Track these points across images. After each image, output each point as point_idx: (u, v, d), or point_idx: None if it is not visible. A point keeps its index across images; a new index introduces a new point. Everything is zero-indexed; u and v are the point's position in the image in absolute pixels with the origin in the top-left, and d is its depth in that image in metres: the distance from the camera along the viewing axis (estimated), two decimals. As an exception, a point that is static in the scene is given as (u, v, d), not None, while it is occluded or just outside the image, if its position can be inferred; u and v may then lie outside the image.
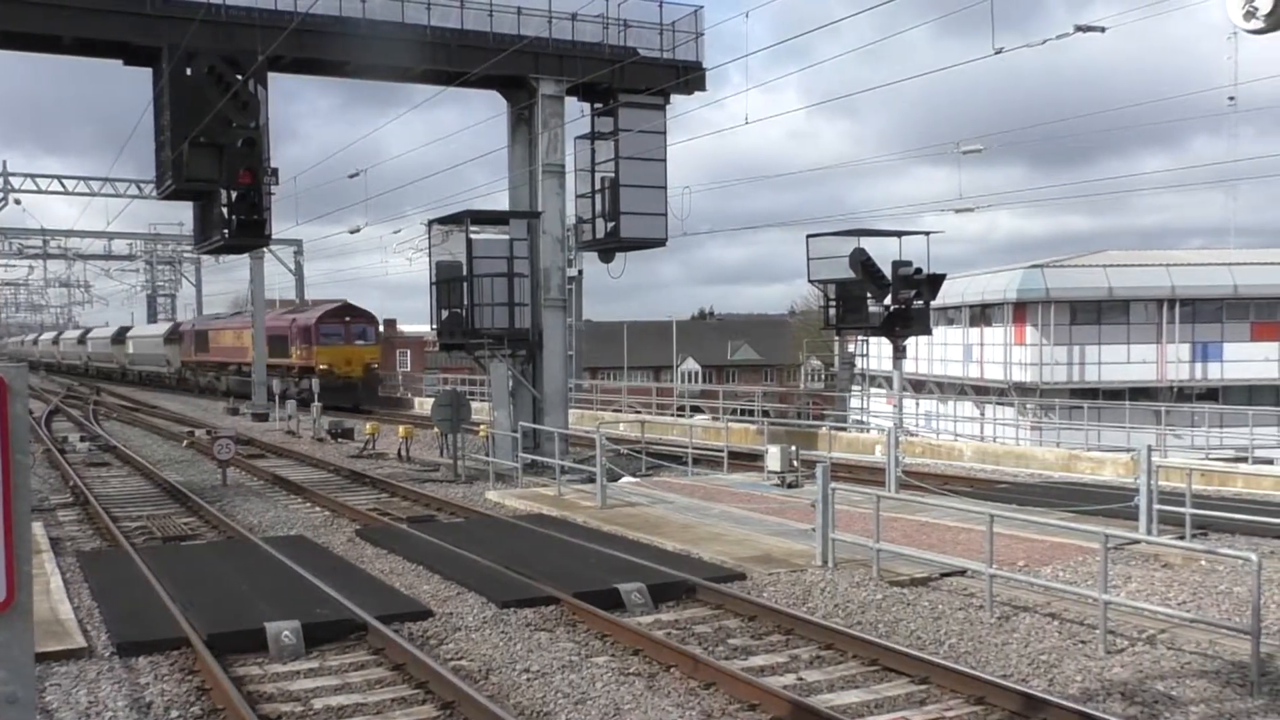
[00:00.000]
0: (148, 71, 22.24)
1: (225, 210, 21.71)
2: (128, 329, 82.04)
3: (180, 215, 70.57)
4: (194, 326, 63.43)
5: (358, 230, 43.13)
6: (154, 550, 15.96)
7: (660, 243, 26.99)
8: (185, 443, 32.74)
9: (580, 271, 43.86)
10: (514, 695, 9.32)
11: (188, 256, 76.48)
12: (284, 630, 10.76)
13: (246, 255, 47.30)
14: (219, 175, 21.07)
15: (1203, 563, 13.64)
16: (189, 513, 20.23)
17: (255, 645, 10.65)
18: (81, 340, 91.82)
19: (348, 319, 48.02)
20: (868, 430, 35.19)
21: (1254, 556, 9.52)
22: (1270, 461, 26.75)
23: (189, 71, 21.05)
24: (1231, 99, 28.00)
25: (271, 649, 10.58)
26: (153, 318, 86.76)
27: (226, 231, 21.79)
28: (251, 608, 11.81)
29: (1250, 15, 9.14)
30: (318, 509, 20.61)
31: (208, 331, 59.47)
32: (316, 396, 42.92)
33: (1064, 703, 8.54)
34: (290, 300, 61.95)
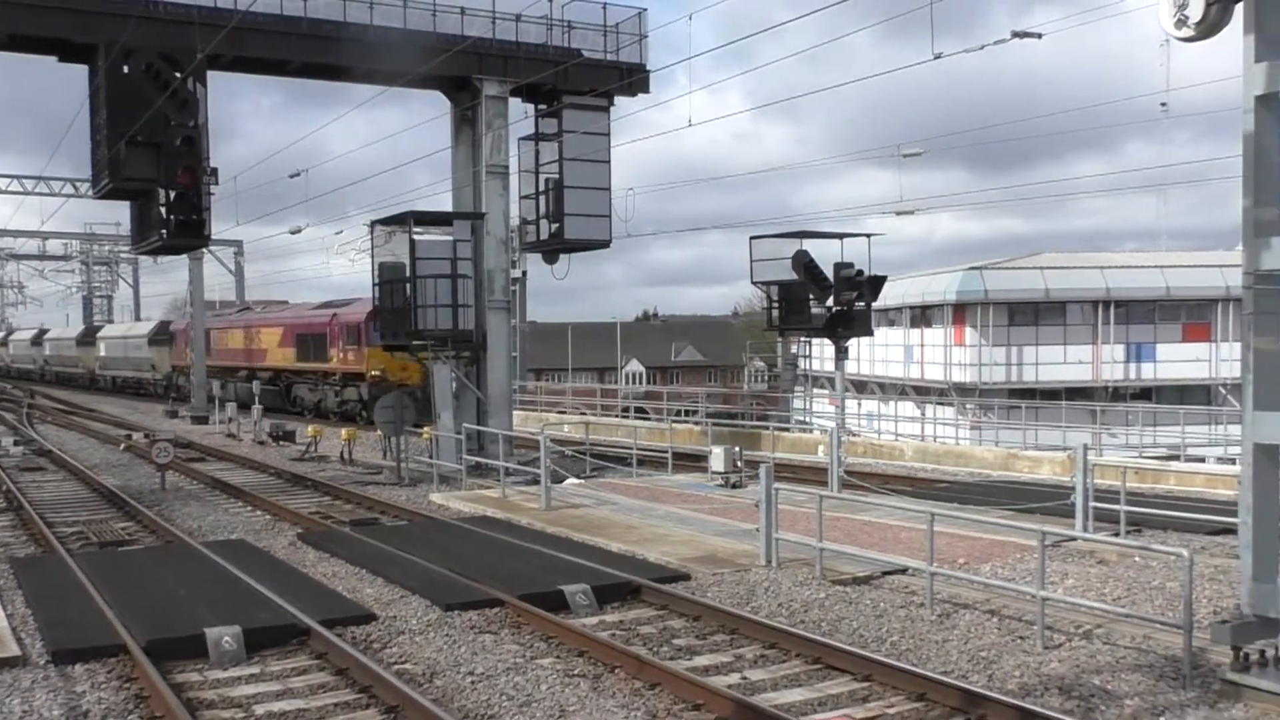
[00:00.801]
0: (84, 68, 21.87)
1: (163, 210, 21.35)
2: (98, 328, 73.18)
3: (117, 215, 69.26)
4: (190, 325, 55.03)
5: (299, 231, 42.75)
6: (90, 556, 15.69)
7: (604, 244, 27.00)
8: (123, 446, 32.21)
9: (524, 273, 43.74)
10: (458, 698, 9.30)
11: (125, 257, 75.30)
12: (224, 636, 10.64)
13: (185, 256, 46.54)
14: (157, 174, 20.72)
15: (1137, 559, 13.92)
16: (126, 517, 19.92)
17: (195, 651, 10.51)
18: (37, 341, 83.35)
19: None
20: (811, 431, 35.47)
21: (1185, 552, 9.73)
22: (1201, 460, 27.34)
23: (126, 69, 20.70)
24: (1164, 105, 28.69)
25: (212, 655, 10.45)
26: (89, 319, 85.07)
27: (165, 232, 21.44)
28: (191, 613, 11.66)
29: (1181, 23, 9.37)
30: (259, 513, 20.39)
31: (211, 330, 51.27)
32: (366, 409, 36.82)
33: (1003, 698, 8.68)
34: (231, 302, 60.90)
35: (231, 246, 57.29)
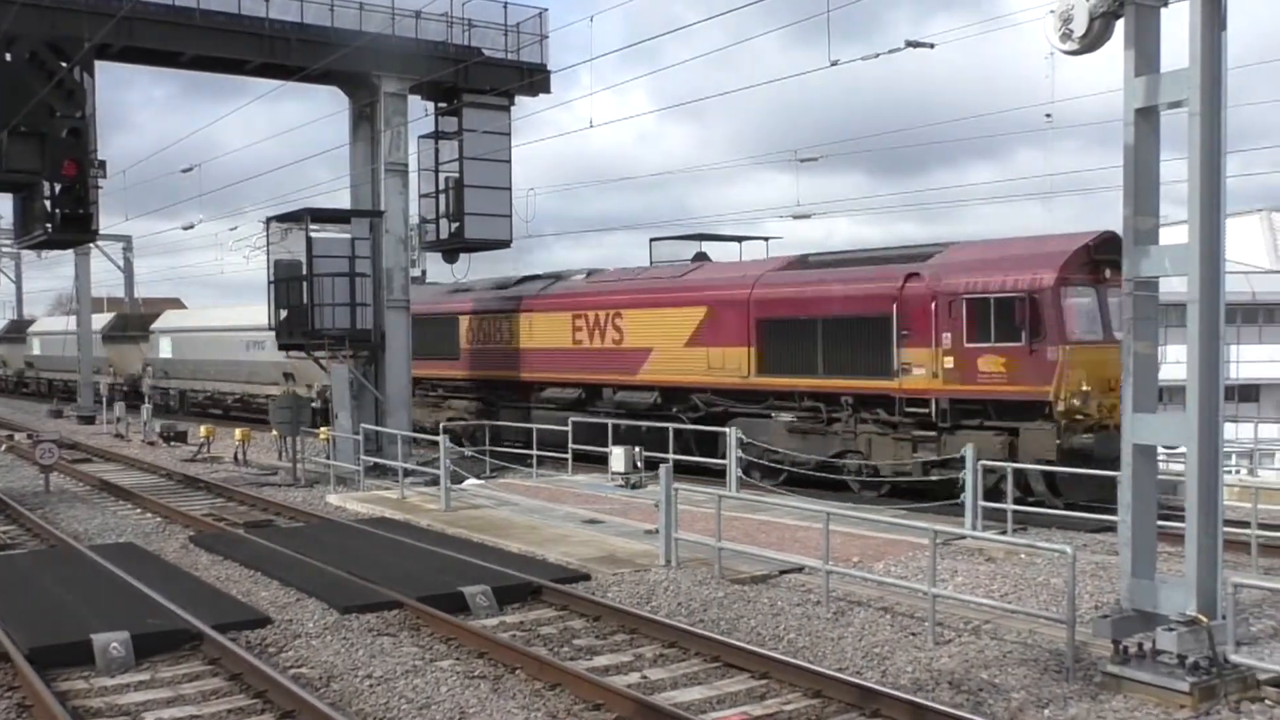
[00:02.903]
0: (-38, 56, 21.10)
1: (48, 203, 20.75)
2: (147, 316, 51.42)
3: (-2, 207, 66.93)
4: (435, 303, 31.09)
5: (192, 227, 41.78)
6: (-31, 561, 15.17)
7: (505, 244, 26.97)
8: (4, 447, 31.17)
9: (424, 272, 43.38)
10: (356, 702, 9.20)
11: (6, 251, 72.65)
12: (112, 642, 10.37)
13: (72, 251, 45.19)
14: (41, 166, 20.13)
15: (1023, 556, 14.33)
16: (8, 520, 19.28)
17: (82, 658, 10.22)
18: (14, 335, 63.11)
19: (1107, 274, 18.13)
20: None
21: (1069, 549, 10.05)
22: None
23: (9, 57, 20.06)
24: (1048, 116, 29.58)
25: (99, 662, 10.18)
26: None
27: (50, 226, 20.83)
28: (77, 619, 11.33)
29: (1066, 37, 9.69)
30: (149, 515, 19.89)
31: (476, 317, 29.22)
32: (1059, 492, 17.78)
33: (896, 693, 8.88)
34: (119, 299, 58.74)
35: (120, 242, 55.78)
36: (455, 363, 29.94)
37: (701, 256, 26.91)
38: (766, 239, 27.78)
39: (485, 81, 25.48)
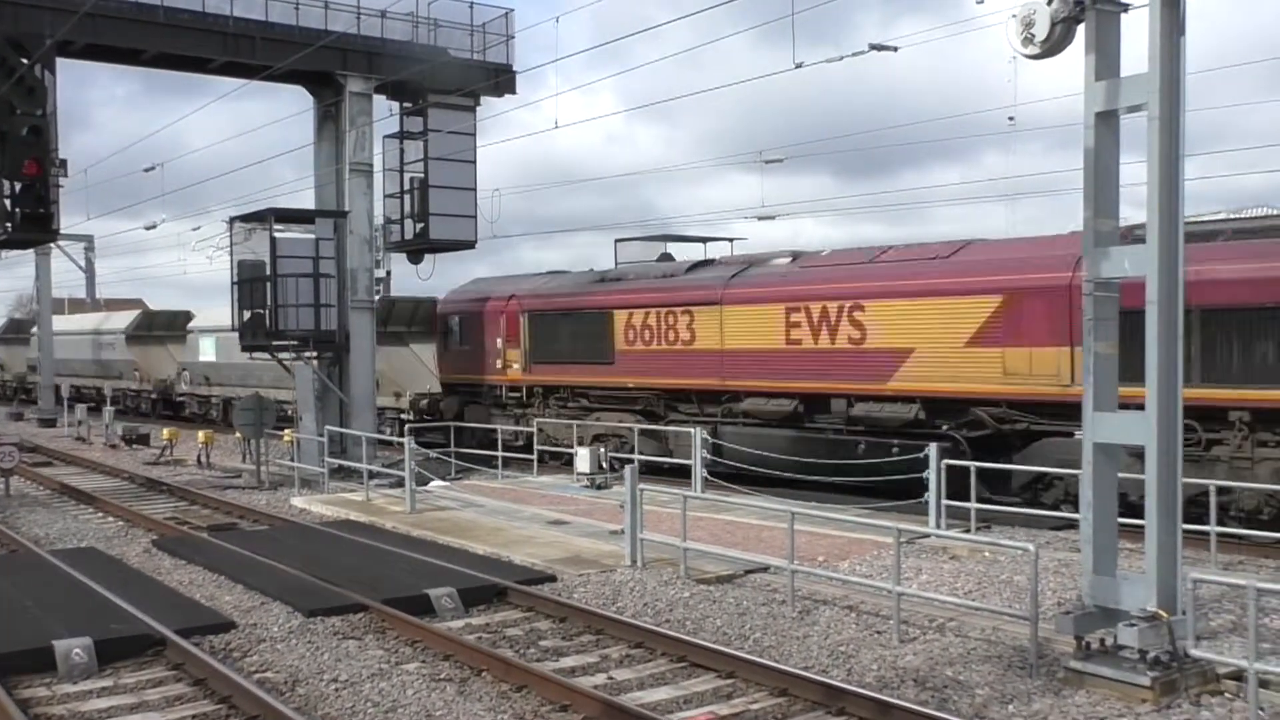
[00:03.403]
0: (-81, 54, 20.82)
1: (8, 202, 20.54)
2: (179, 314, 44.96)
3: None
4: (577, 296, 26.56)
5: (154, 226, 41.33)
6: (-73, 566, 14.97)
7: (470, 245, 26.87)
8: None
9: (389, 272, 43.09)
10: (322, 706, 9.16)
11: (-37, 251, 71.76)
12: (74, 648, 10.27)
13: (32, 251, 44.62)
14: (1, 165, 19.94)
15: (986, 554, 14.45)
16: (-34, 525, 19.04)
17: (43, 665, 10.11)
18: (15, 336, 57.84)
19: None
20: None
21: (1031, 547, 10.15)
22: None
23: (-33, 55, 19.83)
24: (1011, 119, 29.94)
25: (61, 668, 10.07)
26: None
27: (10, 225, 20.61)
28: (38, 625, 11.21)
29: (1028, 41, 9.78)
30: (111, 519, 19.71)
31: (640, 311, 24.38)
32: None
33: (861, 691, 8.94)
34: (80, 300, 57.98)
35: (82, 242, 55.19)
36: (608, 367, 24.99)
37: (666, 257, 26.97)
38: (731, 240, 27.88)
39: (451, 82, 25.37)
